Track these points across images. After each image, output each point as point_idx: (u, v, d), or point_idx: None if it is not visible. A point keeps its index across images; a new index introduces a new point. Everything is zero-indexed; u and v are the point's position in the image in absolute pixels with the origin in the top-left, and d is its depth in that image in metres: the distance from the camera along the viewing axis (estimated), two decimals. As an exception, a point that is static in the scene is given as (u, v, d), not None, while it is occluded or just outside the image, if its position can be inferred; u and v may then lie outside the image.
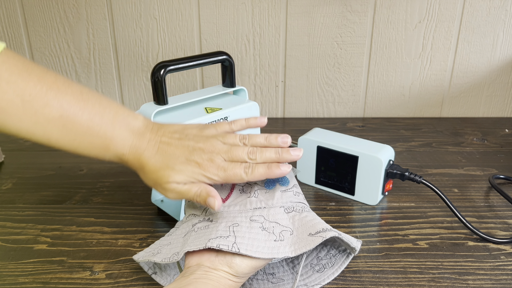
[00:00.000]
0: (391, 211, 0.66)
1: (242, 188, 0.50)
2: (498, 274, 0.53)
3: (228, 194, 0.50)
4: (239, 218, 0.46)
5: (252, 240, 0.44)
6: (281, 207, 0.48)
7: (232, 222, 0.46)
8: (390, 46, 0.96)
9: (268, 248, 0.44)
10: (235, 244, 0.43)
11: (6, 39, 0.97)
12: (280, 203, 0.48)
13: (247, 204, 0.48)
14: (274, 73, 0.99)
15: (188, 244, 0.44)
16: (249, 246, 0.43)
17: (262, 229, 0.45)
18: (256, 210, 0.47)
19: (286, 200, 0.48)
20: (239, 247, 0.43)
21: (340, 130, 0.90)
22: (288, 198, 0.49)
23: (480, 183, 0.73)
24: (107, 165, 0.79)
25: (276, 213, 0.47)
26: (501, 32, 0.95)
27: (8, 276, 0.53)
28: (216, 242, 0.43)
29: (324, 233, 0.45)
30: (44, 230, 0.62)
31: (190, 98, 0.64)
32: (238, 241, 0.43)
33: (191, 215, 0.50)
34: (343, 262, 0.52)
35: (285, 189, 0.49)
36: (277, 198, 0.48)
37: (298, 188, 0.51)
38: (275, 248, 0.44)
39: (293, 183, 0.50)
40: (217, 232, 0.44)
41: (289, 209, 0.48)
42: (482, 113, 1.03)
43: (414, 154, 0.84)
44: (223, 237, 0.44)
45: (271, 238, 0.45)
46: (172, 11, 0.94)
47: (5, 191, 0.72)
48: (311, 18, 0.94)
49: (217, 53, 0.64)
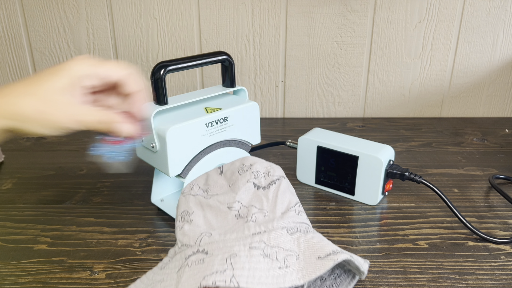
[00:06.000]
0: (391, 211, 0.66)
1: (238, 213, 0.47)
2: (498, 274, 0.53)
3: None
4: (237, 248, 0.42)
5: (253, 270, 0.40)
6: (283, 229, 0.44)
7: (230, 253, 0.42)
8: (390, 46, 0.96)
9: (273, 277, 0.39)
10: (234, 278, 0.39)
11: (6, 39, 0.97)
12: (281, 225, 0.44)
13: (245, 230, 0.44)
14: (274, 73, 0.99)
15: (181, 283, 0.40)
16: (250, 278, 0.39)
17: (263, 256, 0.41)
18: (256, 235, 0.43)
19: (288, 220, 0.45)
20: (238, 281, 0.38)
21: (340, 130, 0.90)
22: (290, 218, 0.45)
23: (480, 183, 0.73)
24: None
25: (278, 236, 0.43)
26: (501, 32, 0.95)
27: (8, 276, 0.53)
28: (212, 278, 0.39)
29: (335, 255, 0.41)
30: (44, 230, 0.62)
31: (190, 98, 0.64)
32: (237, 273, 0.39)
33: (183, 245, 0.46)
34: (348, 283, 0.49)
35: (285, 210, 0.46)
36: (277, 220, 0.44)
37: (301, 207, 0.48)
38: (280, 276, 0.40)
39: (295, 201, 0.47)
40: (212, 267, 0.40)
41: (292, 230, 0.44)
42: (482, 113, 1.03)
43: (414, 154, 0.84)
44: (220, 272, 0.39)
45: (274, 265, 0.40)
46: (172, 11, 0.94)
47: (5, 191, 0.72)
48: (311, 18, 0.94)
49: (217, 53, 0.64)
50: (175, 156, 0.59)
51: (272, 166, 0.53)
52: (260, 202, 0.47)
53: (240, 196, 0.50)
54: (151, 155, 0.62)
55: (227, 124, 0.64)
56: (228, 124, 0.64)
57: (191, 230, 0.47)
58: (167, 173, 0.60)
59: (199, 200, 0.51)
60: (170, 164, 0.59)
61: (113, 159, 0.48)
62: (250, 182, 0.51)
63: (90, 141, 0.90)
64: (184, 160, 0.61)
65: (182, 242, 0.47)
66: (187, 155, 0.61)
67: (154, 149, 0.60)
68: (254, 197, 0.49)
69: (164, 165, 0.60)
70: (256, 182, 0.51)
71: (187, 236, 0.46)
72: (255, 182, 0.51)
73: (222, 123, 0.63)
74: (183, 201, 0.52)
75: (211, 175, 0.55)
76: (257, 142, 0.69)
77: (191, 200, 0.51)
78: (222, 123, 0.63)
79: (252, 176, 0.52)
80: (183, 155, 0.60)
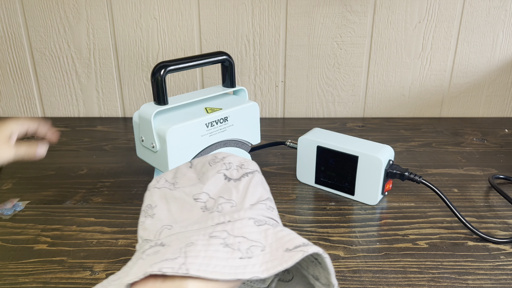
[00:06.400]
0: (391, 211, 0.66)
1: (205, 205, 0.43)
2: (498, 274, 0.53)
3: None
4: (195, 237, 0.38)
5: (208, 259, 0.35)
6: (250, 219, 0.40)
7: (186, 242, 0.37)
8: (390, 46, 0.96)
9: (231, 267, 0.35)
10: (184, 265, 0.34)
11: (6, 39, 0.97)
12: (249, 215, 0.40)
13: (208, 221, 0.40)
14: (274, 73, 0.99)
15: (129, 275, 0.36)
16: (203, 266, 0.34)
17: (224, 245, 0.37)
18: (219, 225, 0.39)
19: (257, 212, 0.41)
20: (188, 268, 0.34)
21: (340, 130, 0.90)
22: (259, 210, 0.41)
23: (480, 183, 0.74)
24: (107, 165, 0.79)
25: (244, 226, 0.39)
26: (501, 32, 0.95)
27: (8, 276, 0.53)
28: (159, 265, 0.34)
29: (305, 247, 0.36)
30: (44, 230, 0.62)
31: (190, 98, 0.64)
32: (188, 261, 0.34)
33: (143, 241, 0.42)
34: None
35: (255, 202, 0.42)
36: (244, 210, 0.40)
37: (273, 203, 0.44)
38: (240, 267, 0.35)
39: (267, 196, 0.43)
40: (164, 255, 0.36)
41: (260, 222, 0.40)
42: (482, 113, 1.03)
43: (414, 154, 0.84)
44: (170, 259, 0.35)
45: (235, 255, 0.36)
46: (172, 11, 0.94)
47: (5, 191, 0.72)
48: (311, 18, 0.94)
49: (217, 53, 0.64)
50: (175, 156, 0.59)
51: (247, 161, 0.49)
52: (229, 193, 0.43)
53: (208, 187, 0.45)
54: (151, 155, 0.62)
55: (227, 124, 0.64)
56: (228, 124, 0.64)
57: (152, 224, 0.42)
58: (167, 173, 0.60)
59: (164, 192, 0.46)
60: (170, 164, 0.59)
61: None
62: (220, 173, 0.46)
63: (90, 141, 0.90)
64: (184, 160, 0.61)
65: (143, 237, 0.42)
66: (187, 155, 0.61)
67: (154, 149, 0.60)
68: (223, 189, 0.45)
69: (164, 165, 0.60)
70: (228, 174, 0.46)
71: (148, 230, 0.42)
72: (226, 173, 0.46)
73: (222, 123, 0.63)
74: (148, 195, 0.47)
75: (180, 168, 0.50)
76: (257, 142, 0.70)
77: (155, 193, 0.47)
78: (222, 123, 0.63)
79: (224, 167, 0.47)
80: (183, 155, 0.60)
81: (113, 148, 0.87)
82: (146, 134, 0.61)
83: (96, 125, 0.98)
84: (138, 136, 0.63)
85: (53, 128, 0.69)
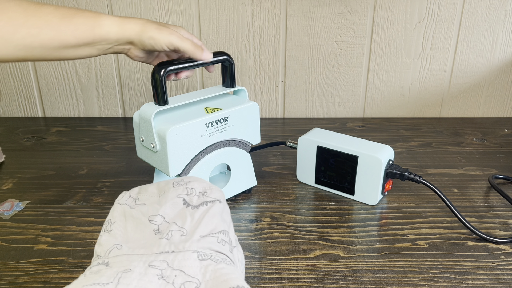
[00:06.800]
0: (390, 211, 0.66)
1: (158, 228, 0.43)
2: (498, 274, 0.53)
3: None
4: (136, 263, 0.39)
5: None
6: (194, 252, 0.40)
7: (126, 267, 0.38)
8: (389, 46, 0.96)
9: None
10: None
11: (6, 39, 0.97)
12: (194, 248, 0.40)
13: (153, 247, 0.40)
14: (274, 73, 0.99)
15: None
16: None
17: (159, 277, 0.37)
18: (162, 254, 0.40)
19: (204, 245, 0.41)
20: None
21: (340, 130, 0.91)
22: (208, 244, 0.41)
23: (480, 183, 0.74)
24: (107, 165, 0.80)
25: (186, 259, 0.39)
26: (500, 32, 0.95)
27: (8, 276, 0.53)
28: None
29: None
30: (44, 230, 0.62)
31: (190, 98, 0.64)
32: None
33: (96, 256, 0.43)
34: None
35: (206, 234, 0.42)
36: (191, 242, 0.40)
37: (227, 237, 0.43)
38: None
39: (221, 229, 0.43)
40: (100, 278, 0.37)
41: (204, 256, 0.40)
42: (482, 113, 1.03)
43: (414, 154, 0.84)
44: (102, 284, 0.36)
45: None
46: (172, 11, 0.94)
47: (5, 191, 0.72)
48: (311, 18, 0.94)
49: (217, 53, 0.64)
50: (175, 156, 0.59)
51: (212, 188, 0.49)
52: (183, 220, 0.44)
53: (165, 210, 0.45)
54: (151, 155, 0.62)
55: (227, 124, 0.64)
56: (228, 124, 0.64)
57: (106, 241, 0.43)
58: (167, 173, 0.60)
59: (124, 209, 0.47)
60: (170, 164, 0.59)
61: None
62: (180, 197, 0.47)
63: (90, 141, 0.90)
64: (184, 160, 0.61)
65: (96, 252, 0.44)
66: (187, 155, 0.61)
67: (154, 149, 0.60)
68: (179, 214, 0.45)
69: (164, 165, 0.60)
70: (187, 199, 0.47)
71: (101, 246, 0.43)
72: (186, 199, 0.47)
73: (222, 123, 0.63)
74: (111, 209, 0.49)
75: (145, 185, 0.52)
76: (257, 142, 0.70)
77: (117, 209, 0.48)
78: (222, 123, 0.63)
79: (185, 192, 0.47)
80: (183, 155, 0.60)
81: (113, 148, 0.87)
82: (146, 134, 0.61)
83: (96, 125, 0.98)
84: (138, 136, 0.63)
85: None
